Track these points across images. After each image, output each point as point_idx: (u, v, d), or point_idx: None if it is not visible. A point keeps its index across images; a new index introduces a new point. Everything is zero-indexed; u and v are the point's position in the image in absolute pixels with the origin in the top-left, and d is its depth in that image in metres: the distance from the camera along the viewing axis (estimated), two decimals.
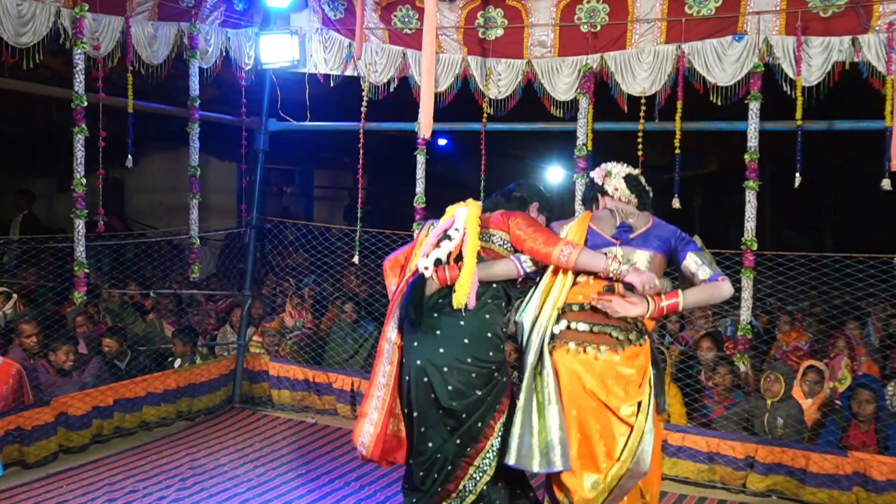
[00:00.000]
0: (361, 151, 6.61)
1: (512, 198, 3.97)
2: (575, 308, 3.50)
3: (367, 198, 6.76)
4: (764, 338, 6.63)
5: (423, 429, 3.63)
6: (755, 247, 5.43)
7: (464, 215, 3.74)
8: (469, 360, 3.58)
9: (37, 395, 5.53)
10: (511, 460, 3.41)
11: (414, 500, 3.70)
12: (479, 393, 3.60)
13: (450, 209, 3.87)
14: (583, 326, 3.46)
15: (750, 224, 5.48)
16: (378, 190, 12.38)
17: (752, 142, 5.46)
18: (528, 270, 3.65)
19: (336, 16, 6.60)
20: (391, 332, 3.81)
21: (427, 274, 3.65)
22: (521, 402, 3.46)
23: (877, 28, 5.10)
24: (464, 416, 3.59)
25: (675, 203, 5.70)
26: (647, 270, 3.47)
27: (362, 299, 7.44)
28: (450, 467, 3.61)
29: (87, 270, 5.65)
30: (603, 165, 3.86)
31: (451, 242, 3.70)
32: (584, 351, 3.43)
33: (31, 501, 4.73)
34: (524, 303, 3.67)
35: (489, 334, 3.64)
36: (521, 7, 6.04)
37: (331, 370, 6.69)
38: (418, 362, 3.60)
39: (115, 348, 6.14)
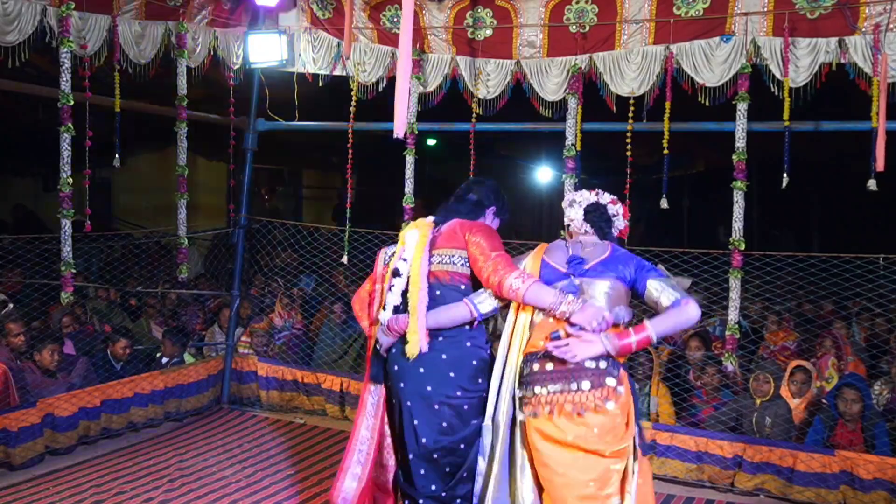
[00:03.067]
0: (350, 151, 6.59)
1: (466, 201, 3.78)
2: (535, 364, 3.28)
3: (356, 198, 6.74)
4: (752, 337, 6.66)
5: (421, 471, 3.50)
6: (743, 247, 5.45)
7: (413, 242, 3.59)
8: (459, 392, 3.45)
9: (23, 397, 5.49)
10: None
11: None
12: (475, 422, 3.47)
13: (402, 233, 3.73)
14: (548, 389, 3.21)
15: (738, 224, 5.50)
16: (367, 190, 12.36)
17: (740, 142, 5.48)
18: (484, 312, 3.44)
19: (325, 15, 6.59)
20: (373, 387, 3.70)
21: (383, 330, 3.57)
22: (496, 467, 3.30)
23: (863, 29, 5.12)
24: (461, 446, 3.47)
25: (664, 203, 5.72)
26: (607, 301, 3.30)
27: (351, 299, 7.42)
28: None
29: (73, 271, 5.61)
30: (574, 194, 3.72)
31: (402, 279, 3.55)
32: (551, 418, 3.20)
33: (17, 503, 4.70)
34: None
35: (474, 361, 3.49)
36: (510, 7, 6.04)
37: (320, 370, 6.68)
38: (408, 403, 3.49)
39: (125, 354, 6.15)
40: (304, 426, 6.37)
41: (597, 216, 3.61)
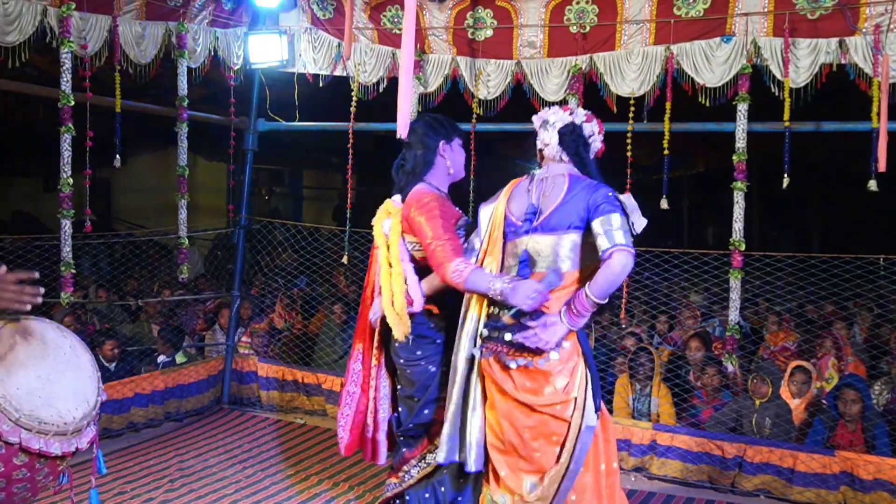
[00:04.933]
0: (351, 152, 6.59)
1: (406, 172, 3.69)
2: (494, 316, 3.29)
3: (356, 198, 6.75)
4: (752, 338, 6.66)
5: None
6: (743, 247, 5.45)
7: (389, 229, 3.68)
8: (402, 360, 3.69)
9: None
10: (440, 458, 3.43)
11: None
12: (422, 381, 3.67)
13: (377, 223, 3.77)
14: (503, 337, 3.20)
15: (738, 224, 5.50)
16: (367, 190, 12.35)
17: (740, 143, 5.48)
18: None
19: (325, 16, 6.59)
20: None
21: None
22: (451, 408, 3.41)
23: (863, 30, 5.12)
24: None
25: (664, 203, 5.72)
26: (556, 258, 3.17)
27: (352, 300, 7.43)
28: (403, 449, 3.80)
29: (73, 271, 5.61)
30: (546, 112, 3.44)
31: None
32: (503, 363, 3.23)
33: None
34: None
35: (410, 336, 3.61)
36: (511, 8, 6.04)
37: (320, 371, 6.68)
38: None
39: (117, 354, 6.15)
40: (304, 426, 6.37)
41: (573, 139, 3.36)
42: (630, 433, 5.41)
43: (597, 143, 3.45)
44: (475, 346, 3.34)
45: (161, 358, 6.56)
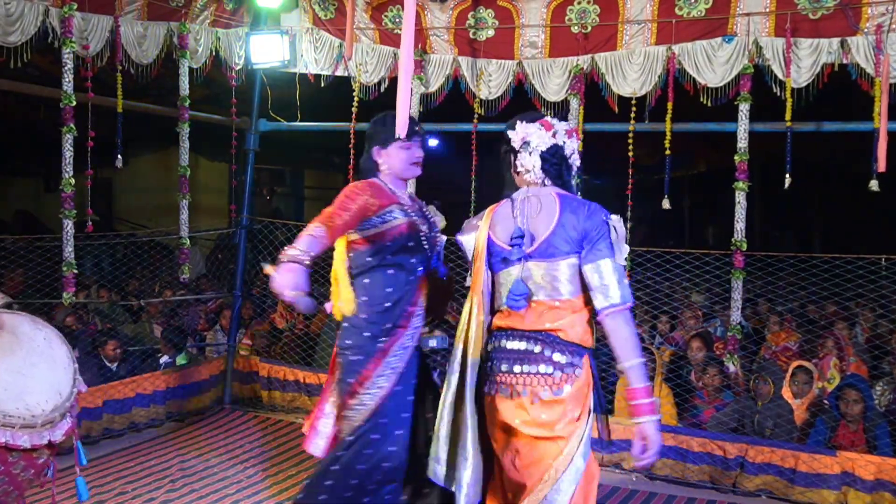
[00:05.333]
0: (352, 152, 6.60)
1: (359, 173, 3.76)
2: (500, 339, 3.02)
3: None
4: (754, 338, 6.66)
5: None
6: (745, 247, 5.45)
7: None
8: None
9: None
10: (429, 472, 3.19)
11: None
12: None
13: None
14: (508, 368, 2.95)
15: (739, 224, 5.50)
16: None
17: (742, 143, 5.48)
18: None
19: (326, 16, 6.59)
20: None
21: None
22: (442, 431, 3.14)
23: (865, 30, 5.13)
24: None
25: (665, 203, 5.72)
26: (550, 292, 2.93)
27: None
28: None
29: (75, 271, 5.62)
30: (523, 125, 3.08)
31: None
32: (513, 397, 2.94)
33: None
34: None
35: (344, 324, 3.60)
36: (512, 8, 6.04)
37: (321, 371, 6.67)
38: None
39: (119, 354, 6.16)
40: None
41: (556, 162, 3.05)
42: (632, 433, 5.39)
43: (577, 162, 3.17)
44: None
45: (164, 359, 6.57)
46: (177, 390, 6.33)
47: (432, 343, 3.59)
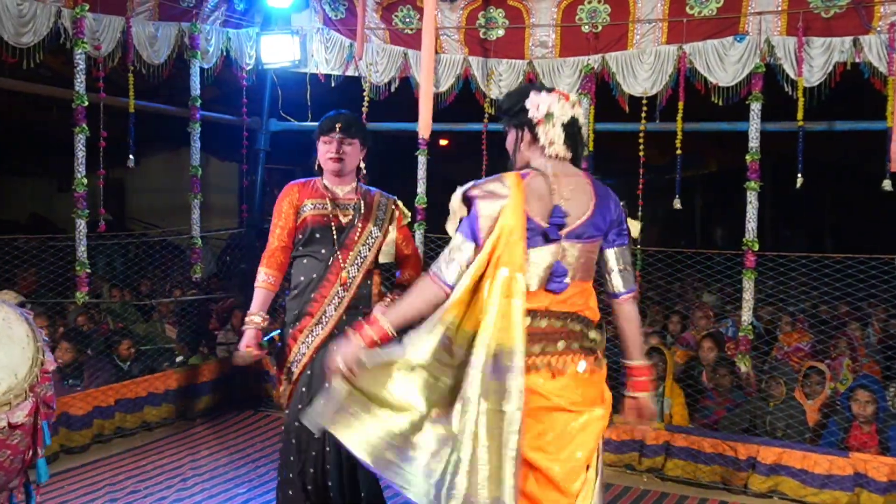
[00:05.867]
0: None
1: None
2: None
3: None
4: (765, 338, 6.63)
5: None
6: (756, 247, 5.43)
7: None
8: None
9: None
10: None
11: None
12: None
13: None
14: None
15: (751, 224, 5.47)
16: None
17: (754, 142, 5.46)
18: None
19: (337, 16, 6.60)
20: None
21: None
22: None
23: (878, 29, 5.10)
24: None
25: (677, 203, 5.71)
26: (585, 273, 2.80)
27: None
28: None
29: (88, 270, 5.64)
30: (542, 95, 2.85)
31: None
32: (555, 376, 2.76)
33: None
34: None
35: None
36: (522, 7, 6.04)
37: None
38: None
39: (132, 353, 6.19)
40: None
41: (573, 133, 2.86)
42: (641, 433, 5.39)
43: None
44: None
45: (179, 358, 6.59)
46: (188, 389, 6.35)
47: None
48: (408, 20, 6.34)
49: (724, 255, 5.70)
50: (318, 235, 3.72)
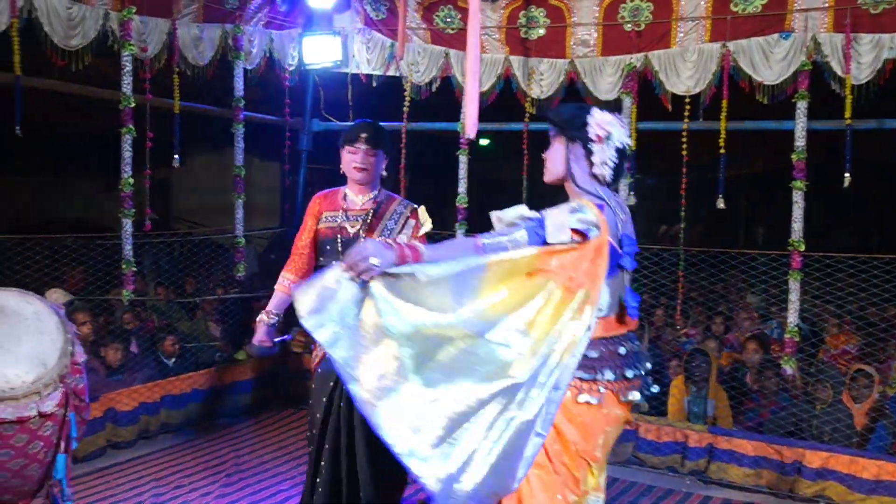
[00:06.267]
0: (403, 152, 6.62)
1: None
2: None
3: (409, 197, 6.77)
4: (811, 340, 6.51)
5: None
6: (803, 248, 5.34)
7: None
8: None
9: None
10: None
11: None
12: None
13: None
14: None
15: (797, 225, 5.38)
16: (417, 189, 12.41)
17: (800, 141, 5.37)
18: None
19: (378, 16, 6.63)
20: None
21: None
22: None
23: None
24: None
25: (720, 203, 5.63)
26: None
27: None
28: None
29: (134, 269, 5.74)
30: (606, 115, 2.85)
31: None
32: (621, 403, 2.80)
33: (79, 495, 4.82)
34: None
35: None
36: (564, 6, 6.01)
37: None
38: None
39: (177, 350, 6.29)
40: None
41: (622, 160, 2.85)
42: (686, 436, 5.33)
43: None
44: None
45: (218, 356, 6.68)
46: (231, 387, 6.43)
47: None
48: (449, 20, 6.34)
49: (769, 256, 5.61)
50: (328, 248, 3.86)
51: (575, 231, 2.64)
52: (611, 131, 2.79)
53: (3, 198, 12.12)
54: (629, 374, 2.79)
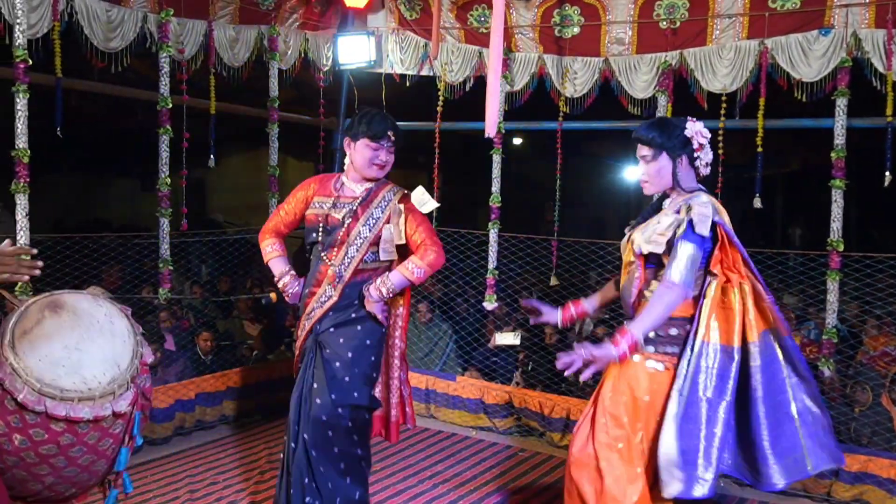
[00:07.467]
0: (437, 151, 6.63)
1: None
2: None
3: (442, 197, 6.78)
4: (850, 342, 6.41)
5: None
6: (841, 248, 5.25)
7: None
8: None
9: None
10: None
11: None
12: None
13: None
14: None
15: (836, 224, 5.29)
16: (451, 189, 12.41)
17: (839, 139, 5.28)
18: None
19: (412, 16, 6.64)
20: None
21: None
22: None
23: None
24: None
25: (757, 202, 5.56)
26: None
27: (436, 297, 7.47)
28: None
29: (171, 267, 5.81)
30: (697, 125, 3.36)
31: None
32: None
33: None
34: None
35: None
36: (599, 4, 5.97)
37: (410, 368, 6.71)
38: None
39: (212, 346, 6.37)
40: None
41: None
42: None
43: None
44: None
45: (255, 353, 6.74)
46: (265, 385, 6.48)
47: (506, 340, 3.84)
48: (482, 19, 6.33)
49: (807, 256, 5.53)
50: (313, 234, 3.95)
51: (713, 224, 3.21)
52: (707, 135, 3.29)
53: (47, 198, 12.35)
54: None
